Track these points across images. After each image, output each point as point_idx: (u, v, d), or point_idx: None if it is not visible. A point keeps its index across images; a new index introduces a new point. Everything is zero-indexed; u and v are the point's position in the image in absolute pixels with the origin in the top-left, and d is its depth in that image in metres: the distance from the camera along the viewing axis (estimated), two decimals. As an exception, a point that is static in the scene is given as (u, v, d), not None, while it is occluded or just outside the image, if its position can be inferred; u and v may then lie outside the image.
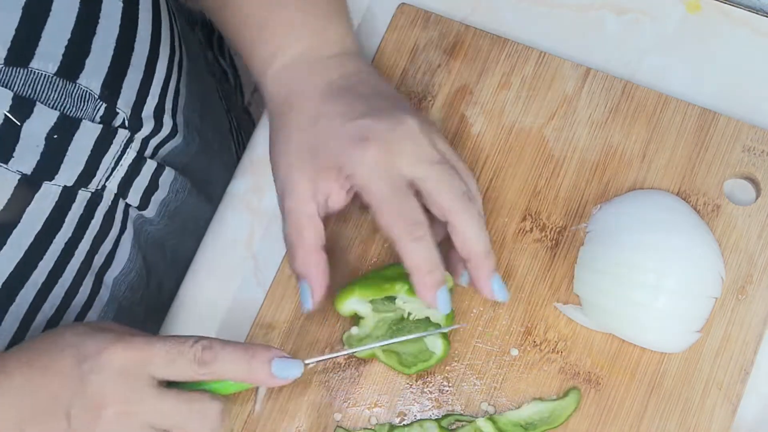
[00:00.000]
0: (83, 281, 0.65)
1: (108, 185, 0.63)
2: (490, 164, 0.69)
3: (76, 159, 0.59)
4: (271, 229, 0.71)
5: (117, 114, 0.61)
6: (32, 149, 0.55)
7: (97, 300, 0.69)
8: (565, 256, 0.67)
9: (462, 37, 0.72)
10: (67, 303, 0.64)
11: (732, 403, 0.64)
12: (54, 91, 0.55)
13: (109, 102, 0.59)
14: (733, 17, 0.73)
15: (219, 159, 0.85)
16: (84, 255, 0.64)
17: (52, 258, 0.60)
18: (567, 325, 0.66)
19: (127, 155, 0.64)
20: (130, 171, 0.65)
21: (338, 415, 0.65)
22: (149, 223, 0.72)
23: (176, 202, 0.74)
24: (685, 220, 0.65)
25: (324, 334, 0.67)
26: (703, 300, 0.64)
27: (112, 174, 0.63)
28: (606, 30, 0.74)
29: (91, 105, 0.58)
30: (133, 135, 0.64)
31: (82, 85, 0.57)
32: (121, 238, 0.69)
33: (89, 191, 0.62)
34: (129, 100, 0.61)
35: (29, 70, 0.53)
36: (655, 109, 0.70)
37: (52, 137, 0.56)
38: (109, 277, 0.70)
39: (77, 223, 0.61)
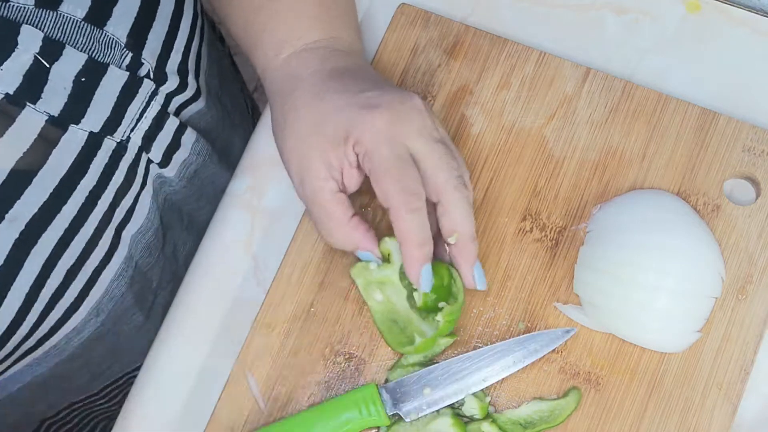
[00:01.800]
0: (103, 234, 0.66)
1: (132, 137, 0.65)
2: (490, 164, 0.69)
3: (102, 104, 0.61)
4: (271, 229, 0.71)
5: (142, 64, 0.63)
6: (60, 91, 0.57)
7: (115, 256, 0.69)
8: (565, 256, 0.67)
9: (462, 37, 0.72)
10: (87, 254, 0.65)
11: (732, 403, 0.64)
12: (82, 35, 0.58)
13: (135, 51, 0.62)
14: (733, 17, 0.73)
15: (238, 130, 0.86)
16: (106, 206, 0.65)
17: (75, 205, 0.61)
18: (567, 325, 0.66)
19: (151, 108, 0.66)
20: (154, 125, 0.67)
21: (338, 415, 0.65)
22: (168, 184, 0.73)
23: (196, 164, 0.75)
24: (685, 220, 0.65)
25: (324, 334, 0.67)
26: (703, 300, 0.64)
27: (137, 125, 0.65)
28: (606, 30, 0.74)
29: (118, 52, 0.61)
30: (158, 88, 0.65)
31: (109, 33, 0.59)
32: (141, 195, 0.70)
33: (114, 140, 0.63)
34: (154, 52, 0.64)
35: (58, 14, 0.56)
36: (655, 109, 0.70)
37: (80, 80, 0.58)
38: (128, 233, 0.70)
39: (102, 172, 0.63)
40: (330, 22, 0.65)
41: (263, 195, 0.72)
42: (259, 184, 0.72)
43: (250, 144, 0.74)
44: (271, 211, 0.72)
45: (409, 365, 0.65)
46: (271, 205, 0.72)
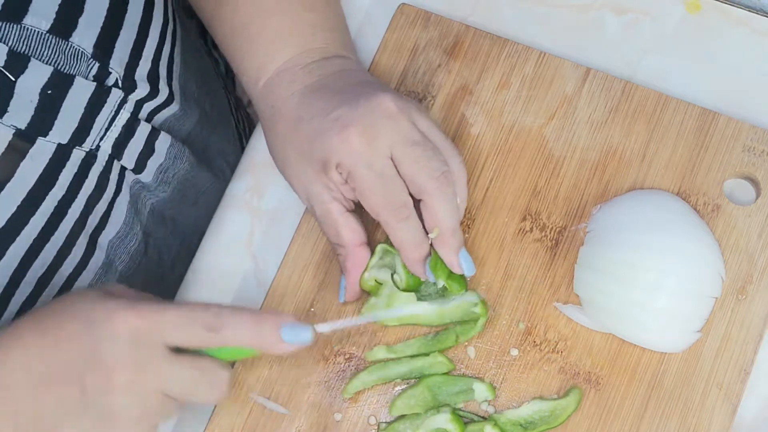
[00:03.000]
0: (76, 241, 0.66)
1: (102, 145, 0.64)
2: (490, 164, 0.69)
3: (70, 116, 0.60)
4: (271, 229, 0.71)
5: (110, 73, 0.62)
6: (26, 104, 0.57)
7: (92, 262, 0.69)
8: (565, 256, 0.67)
9: (462, 37, 0.72)
10: (59, 262, 0.65)
11: (732, 403, 0.64)
12: (47, 48, 0.57)
13: (102, 61, 0.61)
14: (733, 17, 0.73)
15: (219, 131, 0.86)
16: (77, 215, 0.64)
17: (44, 215, 0.61)
18: (567, 325, 0.66)
19: (120, 116, 0.65)
20: (124, 132, 0.66)
21: (338, 415, 0.65)
22: (147, 189, 0.73)
23: (174, 169, 0.75)
24: (685, 220, 0.65)
25: (323, 335, 0.67)
26: (703, 300, 0.64)
27: (107, 134, 0.64)
28: (606, 30, 0.74)
29: (84, 63, 0.60)
30: (126, 96, 0.65)
31: (75, 44, 0.59)
32: (116, 201, 0.69)
33: (83, 150, 0.63)
34: (122, 60, 0.63)
35: (23, 27, 0.55)
36: (655, 109, 0.70)
37: (46, 92, 0.58)
38: (104, 239, 0.70)
39: (71, 182, 0.62)
40: (303, 35, 0.65)
41: (263, 195, 0.72)
42: (259, 184, 0.72)
43: (250, 144, 0.74)
44: (271, 211, 0.72)
45: None
46: (271, 205, 0.72)
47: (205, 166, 0.80)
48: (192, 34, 0.84)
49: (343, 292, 0.65)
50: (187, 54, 0.76)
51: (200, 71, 0.82)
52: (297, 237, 0.69)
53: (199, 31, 0.93)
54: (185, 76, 0.75)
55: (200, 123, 0.79)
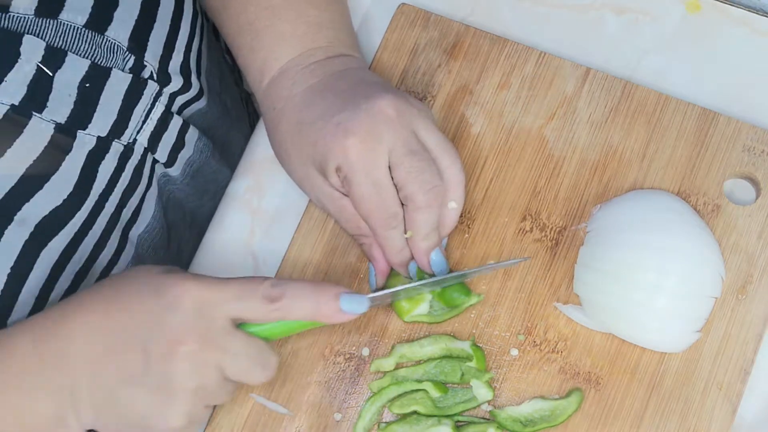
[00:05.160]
0: (111, 235, 0.66)
1: (139, 138, 0.65)
2: (490, 164, 0.69)
3: (108, 108, 0.61)
4: (271, 229, 0.71)
5: (145, 66, 0.63)
6: (65, 99, 0.58)
7: (123, 256, 0.69)
8: (565, 256, 0.67)
9: (462, 37, 0.72)
10: (96, 255, 0.65)
11: (732, 403, 0.64)
12: (84, 42, 0.58)
13: (137, 54, 0.62)
14: (733, 17, 0.73)
15: (237, 127, 0.87)
16: (114, 208, 0.65)
17: (86, 209, 0.62)
18: (567, 325, 0.66)
19: (156, 109, 0.66)
20: (159, 125, 0.67)
21: (338, 415, 0.65)
22: (172, 183, 0.74)
23: (199, 162, 0.76)
24: (685, 220, 0.65)
25: (324, 334, 0.67)
26: (703, 300, 0.64)
27: (143, 127, 0.65)
28: (606, 30, 0.74)
29: (120, 56, 0.61)
30: (161, 89, 0.66)
31: (110, 37, 0.59)
32: (147, 195, 0.70)
33: (122, 143, 0.63)
34: (156, 53, 0.64)
35: (59, 22, 0.56)
36: (655, 109, 0.70)
37: (84, 86, 0.59)
38: (134, 233, 0.71)
39: (110, 175, 0.63)
40: (307, 34, 0.65)
41: (263, 195, 0.72)
42: (259, 184, 0.72)
43: (250, 144, 0.74)
44: (271, 211, 0.72)
45: None
46: (271, 205, 0.72)
47: (225, 161, 0.81)
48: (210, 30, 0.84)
49: (374, 280, 0.66)
50: (211, 49, 0.78)
51: (220, 67, 0.83)
52: (297, 237, 0.69)
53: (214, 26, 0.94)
54: (209, 70, 0.77)
55: (221, 117, 0.80)
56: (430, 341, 0.65)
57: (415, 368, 0.65)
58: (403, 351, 0.65)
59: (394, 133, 0.61)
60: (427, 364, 0.65)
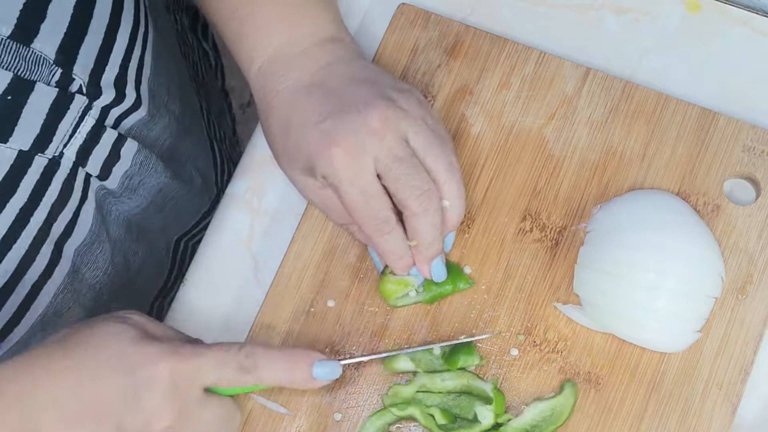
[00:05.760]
0: (40, 249, 0.65)
1: (66, 152, 0.63)
2: (490, 164, 0.69)
3: (31, 122, 0.59)
4: (271, 229, 0.71)
5: (74, 80, 0.61)
6: None
7: (57, 271, 0.68)
8: (565, 256, 0.67)
9: (462, 37, 0.72)
10: (23, 269, 0.64)
11: (732, 403, 0.64)
12: (7, 53, 0.56)
13: (65, 67, 0.60)
14: (733, 17, 0.73)
15: (190, 137, 0.84)
16: (41, 222, 0.64)
17: (5, 223, 0.60)
18: (567, 325, 0.66)
19: (85, 122, 0.64)
20: (89, 139, 0.65)
21: (338, 415, 0.65)
22: (113, 196, 0.72)
23: (140, 175, 0.73)
24: (685, 220, 0.65)
25: (324, 335, 0.67)
26: (703, 300, 0.64)
27: (70, 141, 0.63)
28: (606, 30, 0.74)
29: (46, 69, 0.59)
30: (91, 102, 0.64)
31: (36, 49, 0.57)
32: (82, 209, 0.68)
33: (46, 157, 0.61)
34: (86, 67, 0.62)
35: None
36: (655, 109, 0.70)
37: (6, 98, 0.56)
38: (70, 247, 0.69)
39: (33, 189, 0.61)
40: (291, 18, 0.65)
41: (263, 195, 0.72)
42: (259, 184, 0.72)
43: (250, 144, 0.74)
44: (271, 211, 0.72)
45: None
46: (271, 205, 0.72)
47: (173, 173, 0.79)
48: (168, 33, 0.82)
49: (379, 264, 0.66)
50: (160, 58, 0.75)
51: (172, 75, 0.80)
52: (297, 237, 0.69)
53: (190, 24, 0.92)
54: (155, 80, 0.74)
55: (169, 128, 0.78)
56: (452, 375, 0.65)
57: (432, 396, 0.65)
58: (424, 381, 0.65)
59: (379, 142, 0.60)
60: (445, 395, 0.65)
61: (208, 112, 0.95)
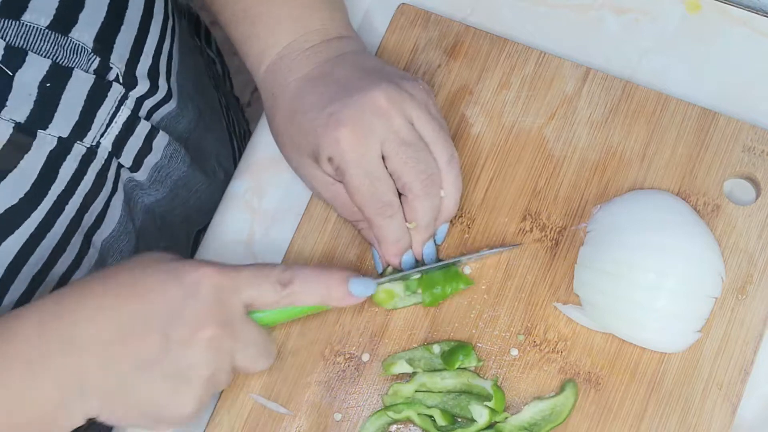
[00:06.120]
0: (71, 239, 0.66)
1: (102, 142, 0.64)
2: (490, 164, 0.69)
3: (70, 109, 0.60)
4: (271, 229, 0.71)
5: (110, 69, 0.62)
6: (25, 98, 0.57)
7: (86, 260, 0.69)
8: (565, 256, 0.67)
9: (462, 37, 0.72)
10: (55, 259, 0.65)
11: (732, 403, 0.64)
12: (46, 42, 0.57)
13: (102, 56, 0.61)
14: (733, 17, 0.73)
15: (212, 132, 0.86)
16: (74, 212, 0.64)
17: (43, 210, 0.61)
18: (567, 325, 0.66)
19: (121, 112, 0.65)
20: (125, 129, 0.66)
21: (338, 415, 0.65)
22: (140, 188, 0.73)
23: (168, 168, 0.75)
24: (685, 220, 0.65)
25: (324, 335, 0.67)
26: (703, 300, 0.64)
27: (107, 130, 0.64)
28: (606, 30, 0.74)
29: (84, 58, 0.60)
30: (127, 92, 0.65)
31: (75, 39, 0.58)
32: (112, 200, 0.69)
33: (84, 146, 0.62)
34: (122, 56, 0.63)
35: (21, 23, 0.55)
36: (655, 109, 0.70)
37: (45, 86, 0.57)
38: (98, 238, 0.70)
39: (71, 177, 0.62)
40: (301, 17, 0.65)
41: (263, 195, 0.72)
42: (259, 184, 0.72)
43: (250, 144, 0.74)
44: (271, 211, 0.72)
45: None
46: (271, 205, 0.72)
47: (198, 167, 0.80)
48: (185, 32, 0.83)
49: (379, 264, 0.66)
50: (184, 52, 0.77)
51: (195, 70, 0.82)
52: (297, 237, 0.69)
53: (192, 29, 0.93)
54: (182, 73, 0.76)
55: (195, 122, 0.79)
56: (452, 375, 0.65)
57: (432, 395, 0.65)
58: (424, 380, 0.65)
59: (387, 123, 0.61)
60: (445, 394, 0.65)
61: (227, 108, 0.96)
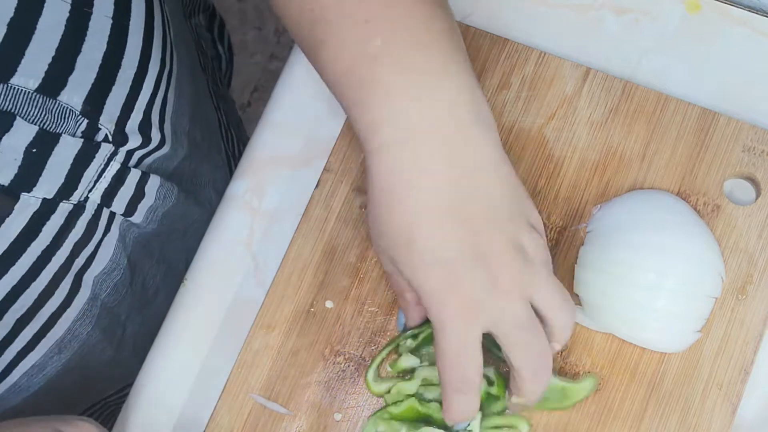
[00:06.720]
0: (60, 283, 0.65)
1: (91, 197, 0.63)
2: (490, 164, 0.69)
3: (55, 172, 0.58)
4: (271, 229, 0.71)
5: (99, 129, 0.60)
6: (10, 162, 0.55)
7: (77, 299, 0.68)
8: (565, 256, 0.67)
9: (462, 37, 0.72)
10: (41, 304, 0.64)
11: (732, 403, 0.64)
12: (33, 106, 0.55)
13: (91, 118, 0.59)
14: (733, 17, 0.73)
15: (208, 160, 0.84)
16: (63, 260, 0.63)
17: (24, 265, 0.60)
18: (567, 325, 0.66)
19: (110, 167, 0.63)
20: (114, 182, 0.64)
21: (338, 415, 0.65)
22: (136, 227, 0.72)
23: (164, 207, 0.73)
24: (685, 220, 0.65)
25: (324, 335, 0.67)
26: (703, 300, 0.64)
27: (95, 186, 0.63)
28: (606, 30, 0.74)
29: (72, 120, 0.58)
30: (117, 149, 0.63)
31: (63, 102, 0.56)
32: (104, 240, 0.68)
33: (71, 203, 0.61)
34: (113, 116, 0.60)
35: (9, 86, 0.53)
36: (655, 109, 0.70)
37: (31, 151, 0.55)
38: (89, 276, 0.69)
39: (56, 233, 0.61)
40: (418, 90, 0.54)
41: (263, 196, 0.72)
42: (259, 184, 0.72)
43: (250, 144, 0.73)
44: (271, 211, 0.72)
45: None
46: (271, 205, 0.72)
47: (192, 199, 0.78)
48: (188, 43, 0.80)
49: (402, 323, 0.64)
50: (181, 85, 0.73)
51: (191, 95, 0.78)
52: (297, 237, 0.69)
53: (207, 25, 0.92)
54: (177, 112, 0.72)
55: (189, 156, 0.77)
56: None
57: (433, 389, 0.64)
58: (425, 374, 0.64)
59: (504, 306, 0.55)
60: None
61: (227, 126, 0.93)
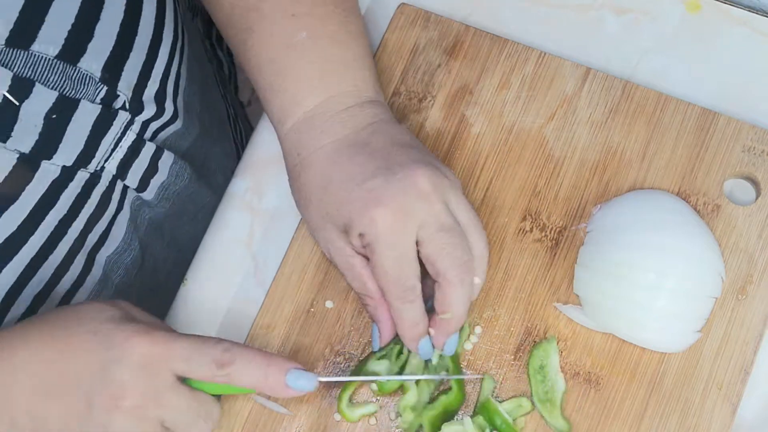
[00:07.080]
0: (74, 259, 0.65)
1: (107, 166, 0.64)
2: (490, 164, 0.69)
3: (75, 139, 0.59)
4: (271, 229, 0.71)
5: (118, 96, 0.61)
6: (30, 129, 0.56)
7: (89, 278, 0.69)
8: (565, 256, 0.67)
9: (462, 37, 0.72)
10: (56, 280, 0.65)
11: (732, 403, 0.64)
12: (54, 73, 0.56)
13: (110, 85, 0.60)
14: (733, 17, 0.73)
15: (218, 145, 0.85)
16: (77, 233, 0.64)
17: (43, 235, 0.61)
18: (567, 325, 0.66)
19: (126, 137, 0.64)
20: (130, 153, 0.66)
21: (338, 415, 0.65)
22: (147, 206, 0.72)
23: (175, 185, 0.74)
24: (685, 220, 0.65)
25: (324, 335, 0.67)
26: (703, 300, 0.64)
27: (112, 155, 0.64)
28: (606, 30, 0.74)
29: (92, 87, 0.59)
30: (133, 118, 0.64)
31: (83, 68, 0.58)
32: (117, 218, 0.69)
33: (88, 172, 0.62)
34: (130, 83, 0.62)
35: (30, 53, 0.54)
36: (655, 109, 0.70)
37: (51, 117, 0.57)
38: (102, 255, 0.70)
39: (73, 201, 0.62)
40: (332, 76, 0.63)
41: (263, 195, 0.72)
42: (259, 184, 0.72)
43: (250, 144, 0.74)
44: (271, 211, 0.72)
45: None
46: (271, 205, 0.72)
47: (204, 182, 0.79)
48: (195, 39, 0.82)
49: (377, 342, 0.64)
50: (192, 67, 0.75)
51: (201, 80, 0.80)
52: (297, 237, 0.69)
53: (204, 30, 0.93)
54: (189, 89, 0.74)
55: (200, 138, 0.78)
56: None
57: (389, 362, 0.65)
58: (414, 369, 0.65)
59: (428, 207, 0.59)
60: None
61: (234, 117, 0.95)
